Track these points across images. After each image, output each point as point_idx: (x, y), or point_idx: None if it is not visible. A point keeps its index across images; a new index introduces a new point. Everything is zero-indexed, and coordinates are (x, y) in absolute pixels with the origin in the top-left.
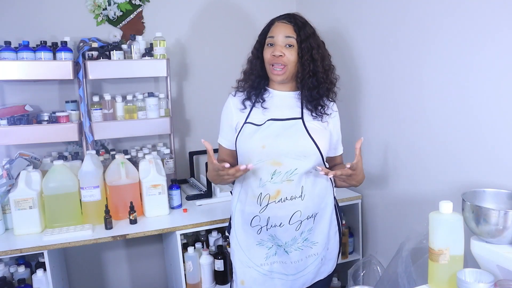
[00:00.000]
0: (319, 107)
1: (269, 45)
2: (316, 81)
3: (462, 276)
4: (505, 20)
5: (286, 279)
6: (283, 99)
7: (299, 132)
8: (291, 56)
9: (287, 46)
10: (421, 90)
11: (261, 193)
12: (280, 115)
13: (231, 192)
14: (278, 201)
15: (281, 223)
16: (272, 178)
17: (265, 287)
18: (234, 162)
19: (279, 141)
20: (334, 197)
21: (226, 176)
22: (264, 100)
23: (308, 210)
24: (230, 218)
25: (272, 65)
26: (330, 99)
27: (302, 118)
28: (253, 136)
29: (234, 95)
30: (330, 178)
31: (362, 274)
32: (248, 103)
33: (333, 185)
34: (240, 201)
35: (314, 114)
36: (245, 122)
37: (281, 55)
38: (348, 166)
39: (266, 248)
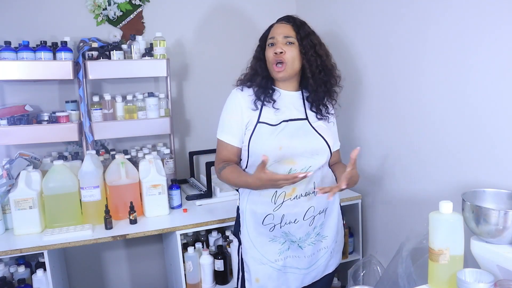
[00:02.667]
0: (323, 108)
1: (270, 45)
2: (325, 76)
3: (462, 276)
4: (504, 18)
5: (299, 273)
6: (290, 99)
7: (309, 132)
8: (291, 52)
9: (288, 43)
10: (421, 90)
11: (276, 191)
12: (291, 115)
13: (237, 190)
14: (294, 198)
15: (296, 219)
16: None
17: (279, 282)
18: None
19: (295, 142)
20: None
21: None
22: (274, 101)
23: (320, 205)
24: (238, 218)
25: (276, 65)
26: (330, 100)
27: (307, 118)
28: (269, 137)
29: (242, 90)
30: (334, 174)
31: (362, 274)
32: (258, 103)
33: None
34: (250, 202)
35: (319, 116)
36: (258, 122)
37: (282, 52)
38: (344, 180)
39: (279, 244)
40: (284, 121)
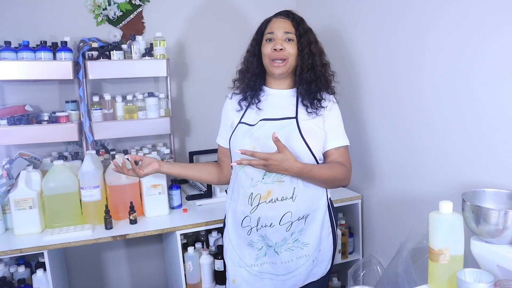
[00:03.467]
0: (315, 101)
1: (268, 40)
2: (314, 75)
3: (462, 276)
4: (505, 17)
5: (277, 279)
6: (278, 98)
7: (291, 133)
8: (291, 49)
9: (287, 40)
10: (421, 89)
11: (252, 193)
12: (274, 114)
13: (226, 191)
14: (269, 202)
15: (271, 223)
16: (263, 178)
17: (255, 287)
18: (228, 161)
19: (271, 142)
20: (329, 199)
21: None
22: (259, 101)
23: (299, 211)
24: (225, 217)
25: (273, 60)
26: (330, 92)
27: (296, 117)
28: (245, 136)
29: (231, 98)
30: None
31: (362, 274)
32: (244, 103)
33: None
34: (233, 200)
35: (309, 110)
36: (239, 122)
37: (282, 49)
38: (260, 157)
39: (256, 250)
40: (262, 120)
